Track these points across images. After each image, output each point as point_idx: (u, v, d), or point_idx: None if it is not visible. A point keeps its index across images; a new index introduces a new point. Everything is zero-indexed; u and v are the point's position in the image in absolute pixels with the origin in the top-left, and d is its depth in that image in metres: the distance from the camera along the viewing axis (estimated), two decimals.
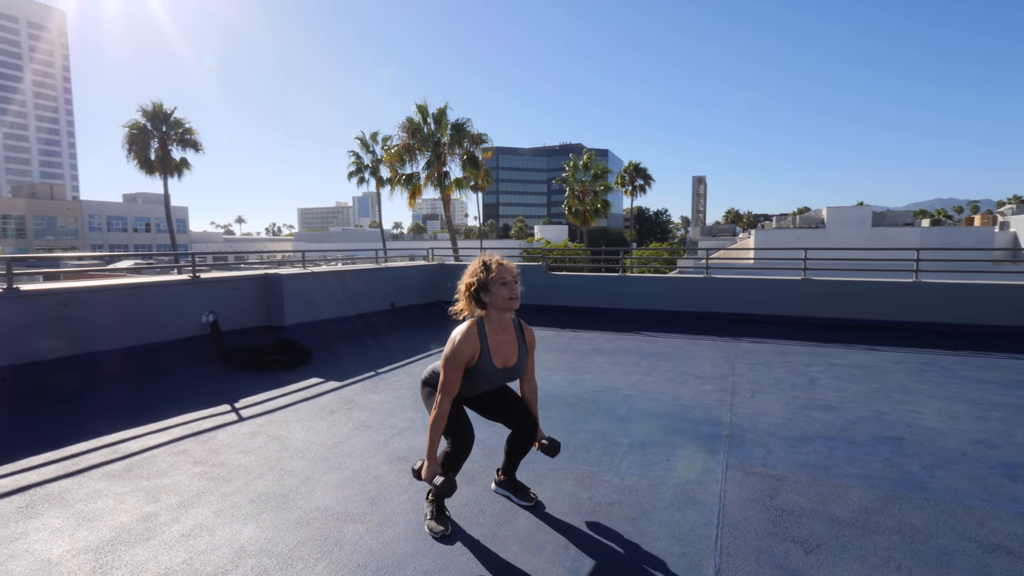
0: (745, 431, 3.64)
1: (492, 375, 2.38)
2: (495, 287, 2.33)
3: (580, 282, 9.32)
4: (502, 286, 2.33)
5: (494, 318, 2.38)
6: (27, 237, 46.92)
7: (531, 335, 2.56)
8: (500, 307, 2.35)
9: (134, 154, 24.20)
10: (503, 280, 2.33)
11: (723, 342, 6.79)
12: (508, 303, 2.34)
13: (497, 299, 2.34)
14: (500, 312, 2.37)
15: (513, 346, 2.44)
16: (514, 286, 2.35)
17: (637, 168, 49.06)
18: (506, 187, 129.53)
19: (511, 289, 2.34)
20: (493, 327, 2.39)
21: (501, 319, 2.39)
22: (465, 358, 2.31)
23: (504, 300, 2.33)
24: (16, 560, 2.20)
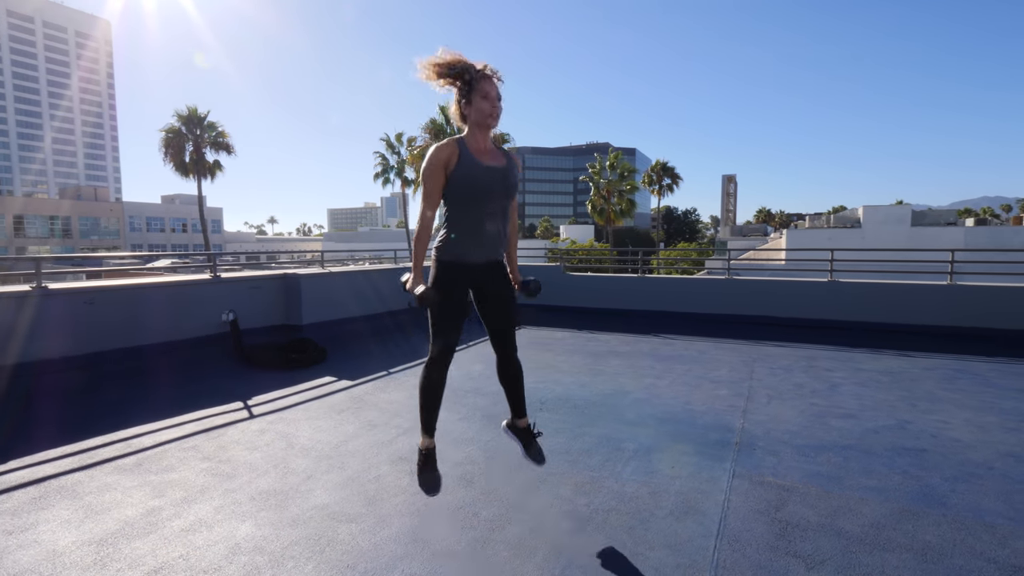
0: (757, 439, 3.52)
1: (477, 173, 2.19)
2: (477, 98, 2.16)
3: (598, 283, 9.21)
4: (483, 99, 2.17)
5: (474, 134, 2.22)
6: (73, 237, 49.12)
7: (519, 161, 2.40)
8: (479, 122, 2.20)
9: (170, 157, 25.09)
10: (485, 93, 2.17)
11: (744, 345, 6.62)
12: (488, 120, 2.19)
13: (476, 112, 2.17)
14: (481, 129, 2.22)
15: (499, 159, 2.29)
16: (496, 103, 2.19)
17: (665, 167, 48.35)
18: (532, 187, 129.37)
19: (492, 104, 2.18)
20: (473, 143, 2.22)
21: (482, 138, 2.23)
22: (441, 161, 2.15)
23: (483, 115, 2.17)
24: (24, 550, 2.28)
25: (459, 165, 2.19)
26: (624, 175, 37.66)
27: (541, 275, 9.74)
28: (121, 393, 4.54)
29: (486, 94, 2.18)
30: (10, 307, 4.38)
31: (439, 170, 2.19)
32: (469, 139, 2.25)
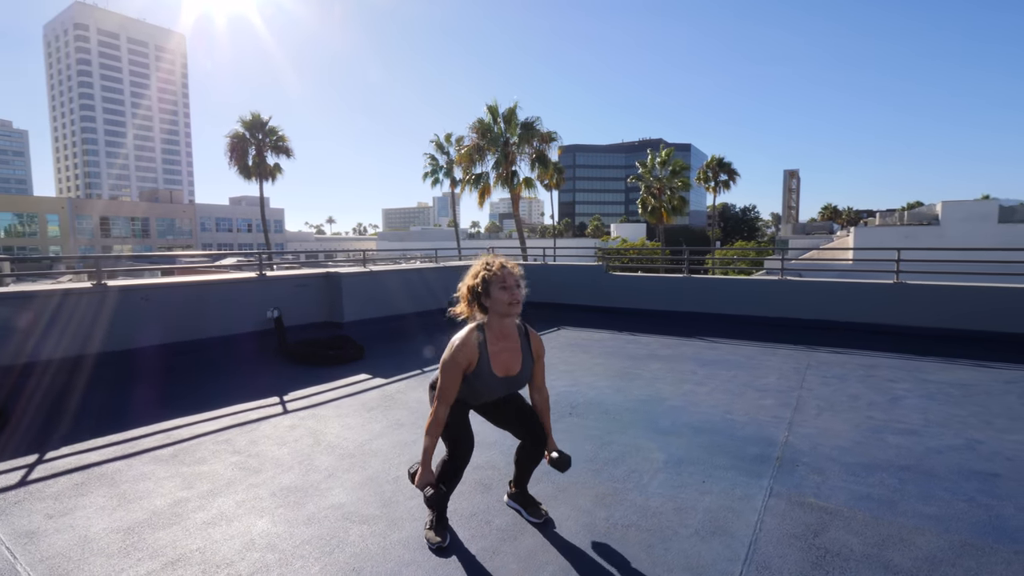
0: (801, 454, 3.25)
1: (492, 383, 2.28)
2: (495, 291, 2.22)
3: (642, 283, 8.93)
4: (502, 290, 2.21)
5: (495, 324, 2.28)
6: (151, 237, 52.95)
7: (538, 342, 2.42)
8: (500, 312, 2.24)
9: (235, 160, 26.55)
10: (503, 284, 2.21)
11: (796, 351, 6.21)
12: (508, 308, 2.22)
13: (497, 304, 2.23)
14: (500, 317, 2.25)
15: (516, 353, 2.32)
16: (515, 290, 2.23)
17: (721, 163, 46.58)
18: (583, 185, 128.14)
19: (512, 294, 2.22)
20: (494, 333, 2.28)
21: (502, 325, 2.28)
22: (461, 365, 2.23)
23: (504, 305, 2.22)
24: (60, 534, 2.41)
25: (477, 371, 2.25)
26: (676, 171, 36.55)
27: (582, 275, 9.56)
28: (168, 386, 4.78)
29: (504, 285, 2.21)
30: (69, 303, 4.70)
31: (458, 372, 2.23)
32: (490, 332, 2.28)
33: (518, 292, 2.24)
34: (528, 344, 2.38)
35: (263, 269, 6.45)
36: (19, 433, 3.60)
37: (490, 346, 2.27)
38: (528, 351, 2.37)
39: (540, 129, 19.43)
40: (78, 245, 46.69)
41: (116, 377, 4.85)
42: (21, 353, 4.44)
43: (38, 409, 4.08)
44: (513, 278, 2.24)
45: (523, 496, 2.58)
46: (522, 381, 2.37)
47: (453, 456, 2.30)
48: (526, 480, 2.57)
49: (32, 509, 2.62)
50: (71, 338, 4.65)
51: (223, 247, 58.40)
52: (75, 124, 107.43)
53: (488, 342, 2.27)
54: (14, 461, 3.15)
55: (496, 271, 2.24)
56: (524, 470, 2.54)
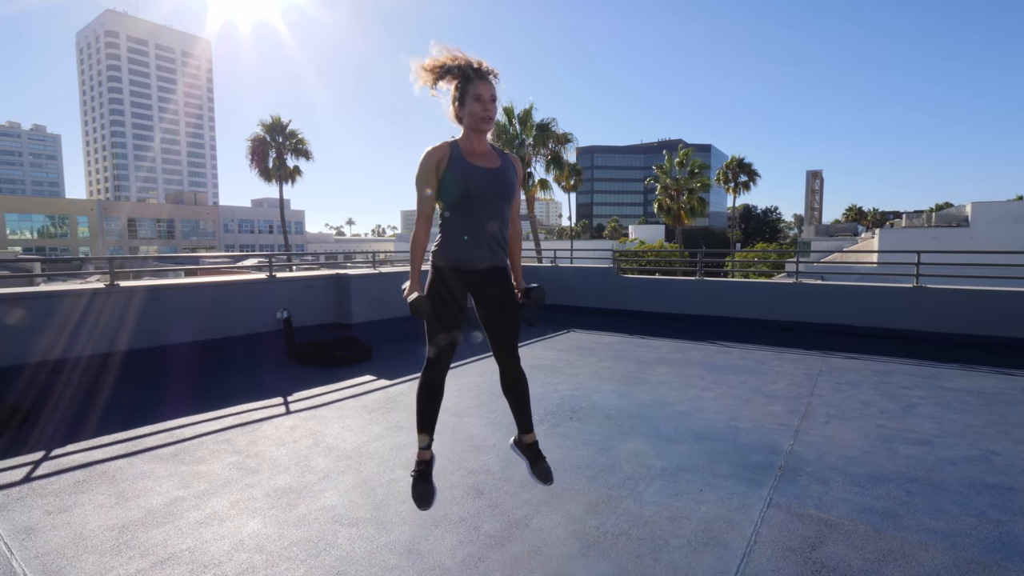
0: (805, 463, 3.16)
1: (476, 176, 2.10)
2: (469, 101, 2.08)
3: (653, 286, 8.82)
4: (476, 101, 2.08)
5: (466, 139, 2.14)
6: (176, 238, 54.21)
7: (520, 165, 2.29)
8: (472, 127, 2.12)
9: (255, 163, 27.06)
10: (478, 95, 2.08)
11: (810, 356, 6.06)
12: (480, 123, 2.10)
13: (469, 116, 2.09)
14: (475, 133, 2.13)
15: (495, 159, 2.19)
16: (490, 104, 2.10)
17: (741, 163, 45.91)
18: (601, 186, 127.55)
19: (484, 107, 2.09)
20: (467, 146, 2.13)
21: (477, 141, 2.14)
22: (432, 161, 2.08)
23: (476, 119, 2.09)
24: (57, 531, 2.45)
25: (450, 167, 2.10)
26: (694, 172, 36.13)
27: (592, 277, 9.49)
28: (175, 385, 4.86)
29: (478, 96, 2.09)
30: (83, 303, 4.81)
31: (430, 173, 2.11)
32: (462, 141, 2.17)
33: (492, 107, 2.12)
34: (509, 161, 2.24)
35: (273, 271, 6.53)
36: (30, 430, 3.70)
37: (463, 150, 2.13)
38: (510, 165, 2.23)
39: (556, 130, 19.39)
40: (106, 246, 48.04)
41: (126, 376, 4.95)
42: (37, 352, 4.56)
43: (50, 407, 4.18)
44: (490, 92, 2.11)
45: (527, 446, 2.41)
46: (507, 181, 2.18)
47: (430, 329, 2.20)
48: (526, 417, 2.41)
49: (33, 505, 2.67)
50: (85, 338, 4.76)
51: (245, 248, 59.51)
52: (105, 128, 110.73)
53: (461, 147, 2.13)
54: (22, 458, 3.23)
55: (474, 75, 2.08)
56: (518, 402, 2.37)
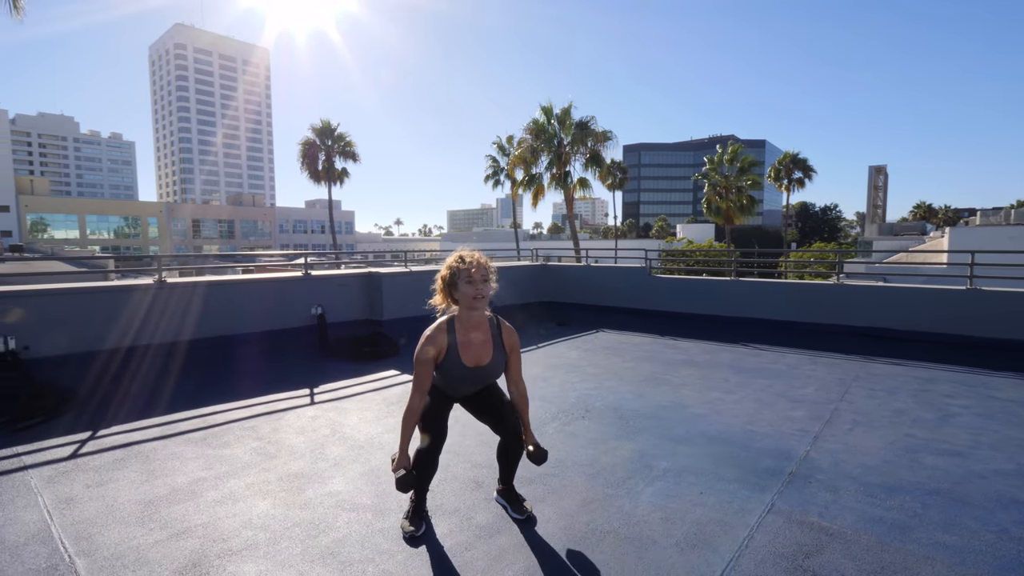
0: (817, 470, 3.05)
1: (461, 373, 2.35)
2: (462, 284, 2.29)
3: (687, 286, 8.63)
4: (467, 284, 2.28)
5: (463, 316, 2.35)
6: (235, 237, 57.21)
7: (511, 335, 2.46)
8: (466, 305, 2.31)
9: (306, 166, 28.23)
10: (468, 278, 2.27)
11: (846, 361, 5.79)
12: (472, 302, 2.29)
13: (463, 297, 2.30)
14: (468, 310, 2.32)
15: (487, 345, 2.38)
16: (480, 285, 2.28)
17: (795, 159, 43.93)
18: (648, 184, 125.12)
19: (476, 288, 2.28)
20: (463, 324, 2.36)
21: (471, 317, 2.35)
22: (431, 354, 2.31)
23: (468, 299, 2.29)
24: (92, 503, 2.70)
25: (447, 361, 2.33)
26: (744, 169, 34.84)
27: (623, 277, 9.38)
28: (214, 375, 5.19)
29: (469, 278, 2.27)
30: (134, 298, 5.21)
31: (429, 363, 2.32)
32: (459, 318, 2.35)
33: (483, 287, 2.29)
34: (500, 336, 2.42)
35: (309, 269, 6.83)
36: (83, 412, 4.05)
37: (459, 336, 2.34)
38: (500, 343, 2.41)
39: (595, 128, 19.20)
40: (173, 245, 51.28)
41: (172, 365, 5.32)
42: (95, 341, 4.98)
43: (103, 391, 4.56)
44: (480, 273, 2.29)
45: (509, 493, 2.62)
46: (492, 372, 2.42)
47: (424, 444, 2.36)
48: (510, 477, 2.60)
49: (75, 479, 2.95)
50: (136, 329, 5.16)
51: (299, 247, 62.05)
52: (173, 135, 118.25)
53: (457, 333, 2.34)
54: (71, 436, 3.55)
55: (463, 265, 2.29)
56: (505, 466, 2.57)
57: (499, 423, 2.47)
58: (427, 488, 2.48)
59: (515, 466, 2.58)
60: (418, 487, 2.42)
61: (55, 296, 4.88)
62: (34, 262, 20.63)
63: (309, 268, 6.86)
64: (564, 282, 9.88)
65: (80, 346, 4.88)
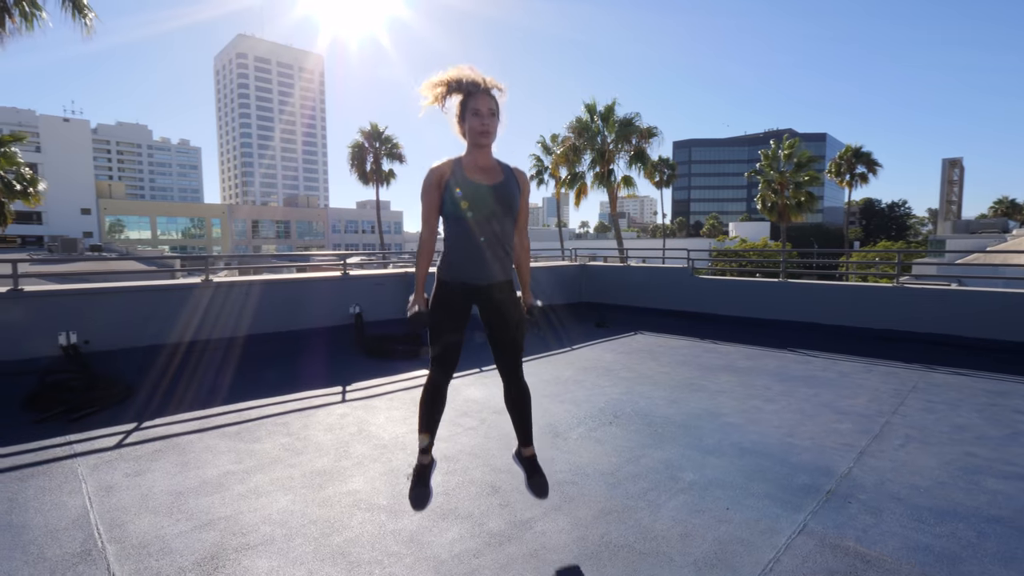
0: (859, 489, 2.83)
1: (468, 194, 2.12)
2: (468, 116, 2.11)
3: (732, 288, 8.28)
4: (473, 116, 2.10)
5: (471, 152, 2.17)
6: (291, 237, 59.74)
7: (525, 180, 2.28)
8: (472, 142, 2.14)
9: (355, 168, 29.14)
10: (475, 109, 2.10)
11: (906, 370, 5.38)
12: (478, 137, 2.12)
13: (468, 131, 2.13)
14: (477, 148, 2.15)
15: (498, 174, 2.20)
16: (487, 119, 2.10)
17: (858, 153, 41.51)
18: (699, 181, 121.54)
19: (482, 121, 2.09)
20: (470, 161, 2.16)
21: (477, 157, 2.16)
22: (434, 179, 2.14)
23: (474, 134, 2.12)
24: (128, 491, 2.85)
25: (450, 183, 2.15)
26: (802, 164, 33.18)
27: (667, 277, 9.11)
28: (254, 371, 5.39)
29: (476, 110, 2.12)
30: (183, 296, 5.49)
31: (433, 189, 2.17)
32: (465, 157, 2.20)
33: (490, 121, 2.11)
34: (513, 176, 2.24)
35: (346, 269, 7.00)
36: (131, 404, 4.30)
37: (465, 167, 2.16)
38: (512, 179, 2.23)
39: (639, 125, 18.75)
40: (234, 244, 54.11)
41: (215, 361, 5.57)
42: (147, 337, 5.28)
43: (151, 385, 4.82)
44: (487, 106, 2.11)
45: (526, 460, 2.48)
46: (507, 193, 2.18)
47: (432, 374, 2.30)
48: (525, 431, 2.46)
49: (117, 468, 3.12)
50: (183, 326, 5.44)
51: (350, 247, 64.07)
52: (236, 140, 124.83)
53: (464, 165, 2.16)
54: (118, 427, 3.77)
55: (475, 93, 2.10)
56: (516, 414, 2.42)
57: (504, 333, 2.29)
58: (438, 420, 2.40)
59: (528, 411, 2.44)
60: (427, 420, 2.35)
61: (112, 294, 5.21)
62: (111, 261, 22.26)
63: (347, 268, 7.02)
64: (604, 282, 9.71)
65: (133, 341, 5.19)
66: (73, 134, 51.68)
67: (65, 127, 51.46)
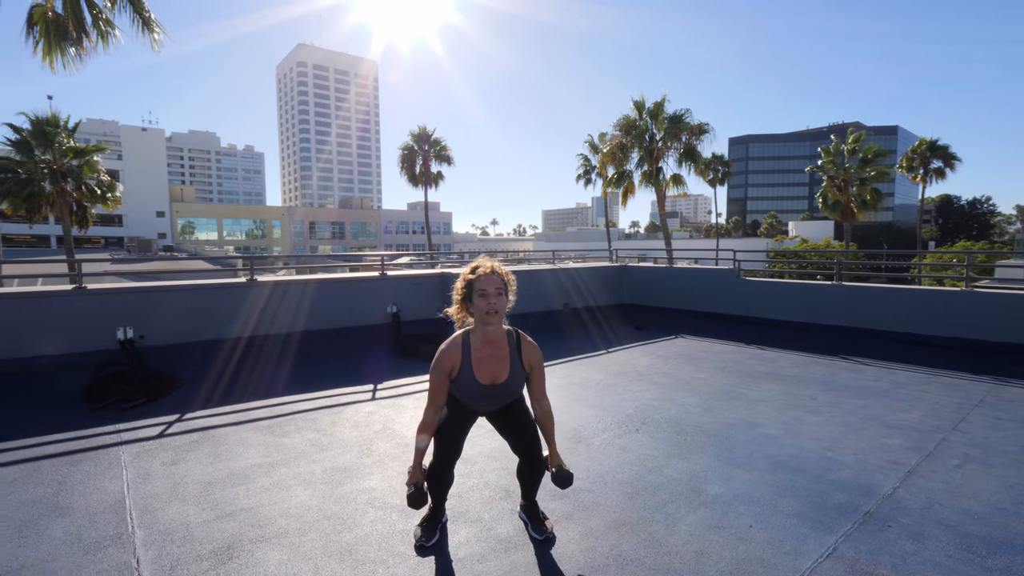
0: (903, 512, 2.60)
1: (475, 390, 2.25)
2: (475, 297, 2.19)
3: (781, 291, 7.87)
4: (480, 297, 2.17)
5: (479, 330, 2.25)
6: (345, 238, 61.92)
7: (532, 352, 2.32)
8: (479, 320, 2.21)
9: (404, 170, 29.79)
10: (482, 291, 2.17)
11: (972, 382, 4.94)
12: (485, 317, 2.17)
13: (476, 311, 2.20)
14: (483, 325, 2.22)
15: (504, 361, 2.26)
16: (493, 299, 2.16)
17: (933, 146, 38.69)
18: (756, 179, 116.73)
19: (488, 302, 2.16)
20: (479, 339, 2.25)
21: (486, 332, 2.24)
22: (445, 369, 2.25)
23: (481, 313, 2.18)
24: (163, 479, 3.00)
25: (461, 376, 2.25)
26: (868, 159, 31.16)
27: (711, 280, 8.77)
28: (292, 367, 5.58)
29: (483, 292, 2.17)
30: (229, 295, 5.77)
31: (444, 376, 2.26)
32: (475, 333, 2.26)
33: (497, 301, 2.18)
34: (519, 353, 2.30)
35: (384, 269, 7.15)
36: (176, 396, 4.55)
37: (474, 352, 2.25)
38: (518, 360, 2.29)
39: (689, 122, 18.12)
40: (292, 245, 56.65)
41: (257, 357, 5.82)
42: (195, 333, 5.59)
43: (197, 378, 5.09)
44: (494, 285, 2.18)
45: (531, 509, 2.51)
46: (510, 391, 2.30)
47: (436, 459, 2.33)
48: (530, 494, 2.49)
49: (156, 457, 3.31)
50: (229, 323, 5.71)
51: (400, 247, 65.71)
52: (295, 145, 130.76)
53: (473, 348, 2.25)
54: (162, 418, 4.00)
55: (476, 276, 2.20)
56: (524, 485, 2.46)
57: (519, 446, 2.37)
58: (444, 498, 2.44)
59: (534, 486, 2.45)
60: (434, 499, 2.39)
61: (165, 292, 5.55)
62: (180, 261, 23.86)
63: (386, 268, 7.17)
64: (647, 284, 9.47)
65: (183, 336, 5.50)
66: (150, 142, 55.66)
67: (143, 136, 55.49)
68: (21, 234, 43.89)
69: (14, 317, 4.80)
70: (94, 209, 18.96)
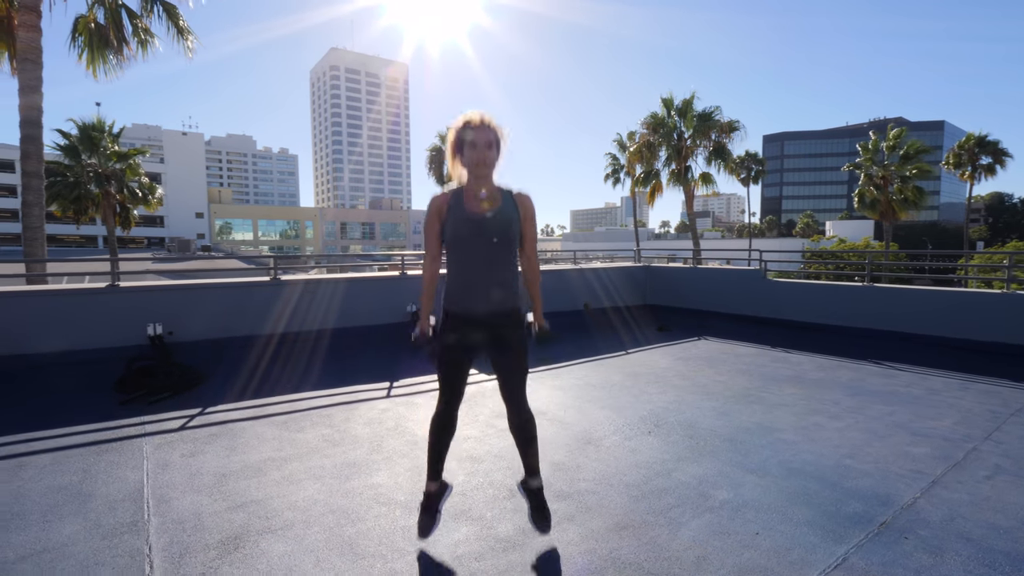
0: (923, 524, 2.49)
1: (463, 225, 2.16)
2: (466, 149, 2.15)
3: (808, 292, 7.64)
4: (470, 148, 2.13)
5: (471, 184, 2.20)
6: (375, 238, 63.00)
7: (526, 202, 2.26)
8: (470, 172, 2.17)
9: (432, 171, 30.19)
10: (472, 143, 2.13)
11: (1009, 389, 4.69)
12: (475, 168, 2.14)
13: (467, 162, 2.16)
14: (475, 178, 2.17)
15: (496, 201, 2.20)
16: (483, 150, 2.12)
17: (982, 142, 36.94)
18: (792, 177, 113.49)
19: (478, 153, 2.12)
20: (470, 192, 2.20)
21: (478, 184, 2.18)
22: (434, 210, 2.22)
23: (471, 164, 2.14)
24: (180, 470, 3.12)
25: (448, 214, 2.20)
26: (910, 156, 29.89)
27: (735, 280, 8.57)
28: (312, 364, 5.70)
29: (472, 143, 2.14)
30: (254, 293, 5.94)
31: (433, 219, 2.23)
32: (466, 187, 2.23)
33: (488, 153, 2.13)
34: (513, 201, 2.24)
35: (404, 269, 7.24)
36: (199, 390, 4.71)
37: (466, 193, 2.20)
38: (512, 204, 2.23)
39: (719, 119, 17.75)
40: (324, 245, 57.93)
41: (279, 354, 5.97)
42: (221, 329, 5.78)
43: (221, 373, 5.26)
44: (483, 136, 2.12)
45: (530, 492, 2.41)
46: (500, 225, 2.18)
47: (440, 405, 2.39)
48: (530, 463, 2.40)
49: (176, 448, 3.43)
50: (253, 320, 5.89)
51: None
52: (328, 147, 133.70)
53: (464, 192, 2.21)
54: (184, 411, 4.15)
55: (466, 128, 2.15)
56: (520, 445, 2.38)
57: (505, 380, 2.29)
58: (446, 448, 2.42)
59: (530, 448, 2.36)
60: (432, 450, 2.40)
61: (193, 290, 5.75)
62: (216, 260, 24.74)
63: (405, 268, 7.26)
64: (671, 284, 9.32)
65: (210, 333, 5.69)
66: (190, 146, 57.77)
67: (183, 140, 57.64)
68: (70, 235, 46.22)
69: (56, 313, 5.06)
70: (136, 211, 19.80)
